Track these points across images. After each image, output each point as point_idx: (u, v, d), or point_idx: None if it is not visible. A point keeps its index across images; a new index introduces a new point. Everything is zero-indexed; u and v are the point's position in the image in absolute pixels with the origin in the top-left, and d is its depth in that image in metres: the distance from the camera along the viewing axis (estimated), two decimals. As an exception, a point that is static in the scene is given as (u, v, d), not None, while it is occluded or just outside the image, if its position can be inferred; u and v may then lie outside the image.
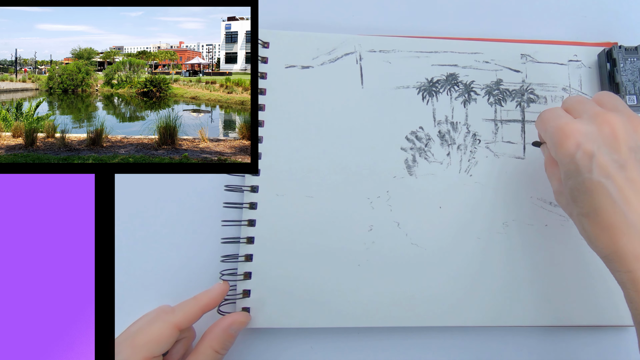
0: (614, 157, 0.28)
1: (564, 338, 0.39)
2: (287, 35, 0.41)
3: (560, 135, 0.29)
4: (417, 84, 0.41)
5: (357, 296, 0.38)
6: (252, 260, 0.38)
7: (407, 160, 0.40)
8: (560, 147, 0.29)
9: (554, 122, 0.30)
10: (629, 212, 0.27)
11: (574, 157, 0.28)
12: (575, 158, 0.28)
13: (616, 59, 0.39)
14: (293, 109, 0.40)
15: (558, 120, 0.30)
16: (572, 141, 0.28)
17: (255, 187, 0.39)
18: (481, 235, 0.39)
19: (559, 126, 0.29)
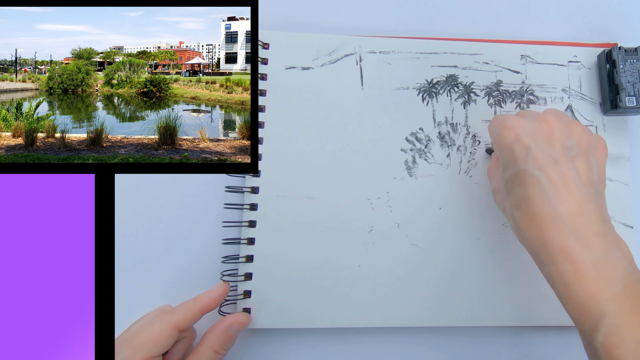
0: (549, 152, 0.29)
1: (567, 338, 0.39)
2: (287, 37, 0.41)
3: (501, 127, 0.31)
4: (417, 85, 0.41)
5: (358, 297, 0.38)
6: (252, 261, 0.38)
7: (407, 162, 0.40)
8: (500, 138, 0.31)
9: (498, 118, 0.32)
10: (558, 205, 0.27)
11: (512, 148, 0.30)
12: (513, 149, 0.30)
13: (616, 60, 0.39)
14: (293, 110, 0.40)
15: (502, 117, 0.32)
16: (512, 133, 0.30)
17: (256, 188, 0.39)
18: (481, 236, 0.39)
19: (501, 120, 0.31)
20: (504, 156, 0.31)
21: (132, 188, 0.41)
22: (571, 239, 0.27)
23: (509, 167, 0.30)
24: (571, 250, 0.26)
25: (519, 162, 0.29)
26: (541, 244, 0.28)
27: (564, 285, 0.27)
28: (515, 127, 0.30)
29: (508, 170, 0.30)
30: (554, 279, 0.27)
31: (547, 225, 0.27)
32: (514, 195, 0.30)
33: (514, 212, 0.30)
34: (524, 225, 0.29)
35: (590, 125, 0.41)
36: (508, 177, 0.30)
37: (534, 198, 0.28)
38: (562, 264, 0.27)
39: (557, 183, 0.28)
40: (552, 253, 0.27)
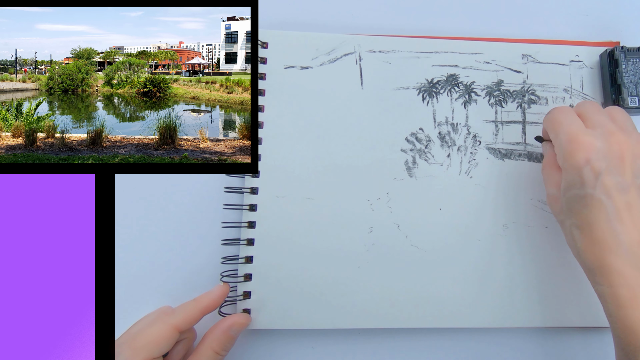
0: (619, 179, 0.29)
1: (565, 340, 0.39)
2: (286, 36, 0.41)
3: (572, 145, 0.30)
4: (417, 85, 0.41)
5: (358, 297, 0.38)
6: (252, 262, 0.38)
7: (407, 162, 0.40)
8: (570, 157, 0.30)
9: (567, 129, 0.31)
10: (621, 233, 0.28)
11: (581, 171, 0.29)
12: (582, 172, 0.29)
13: (618, 60, 0.39)
14: (292, 110, 0.40)
15: (571, 127, 0.30)
16: (583, 155, 0.29)
17: (255, 188, 0.39)
18: (481, 237, 0.39)
19: (573, 135, 0.30)
20: (569, 175, 0.30)
21: (132, 188, 0.40)
22: (630, 267, 0.28)
23: (574, 186, 0.30)
24: (629, 277, 0.27)
25: (587, 185, 0.29)
26: (599, 266, 0.29)
27: (616, 306, 0.28)
28: (588, 149, 0.29)
29: (572, 190, 0.30)
30: (607, 299, 0.28)
31: (609, 250, 0.28)
32: (576, 215, 0.30)
33: (574, 231, 0.30)
34: (584, 245, 0.29)
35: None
36: (572, 196, 0.30)
37: (599, 223, 0.29)
38: (617, 288, 0.28)
39: (622, 211, 0.28)
40: (609, 276, 0.28)
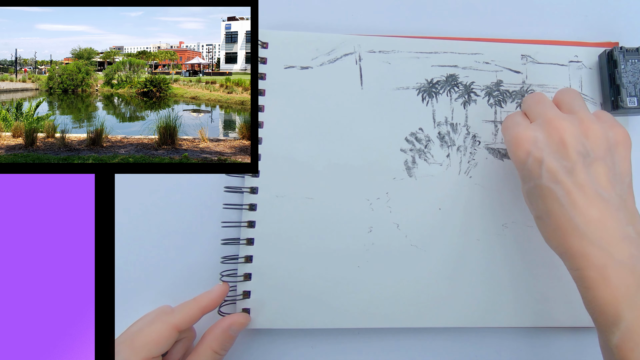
0: (563, 162, 0.29)
1: (563, 338, 0.39)
2: (286, 36, 0.41)
3: (513, 143, 0.31)
4: (416, 85, 0.41)
5: (357, 297, 0.38)
6: (252, 262, 0.38)
7: (406, 162, 0.40)
8: (514, 155, 0.31)
9: (511, 130, 0.32)
10: (577, 215, 0.28)
11: (525, 164, 0.30)
12: (527, 164, 0.30)
13: (617, 60, 0.39)
14: (292, 110, 0.40)
15: (515, 128, 0.32)
16: (523, 149, 0.30)
17: (255, 188, 0.39)
18: (481, 236, 0.39)
19: (514, 134, 0.31)
20: (520, 171, 0.31)
21: (132, 188, 0.40)
22: (592, 247, 0.27)
23: (525, 180, 0.31)
24: (593, 258, 0.27)
25: (534, 176, 0.30)
26: (564, 252, 0.29)
27: (585, 288, 0.28)
28: (526, 142, 0.30)
29: (526, 183, 0.31)
30: (577, 283, 0.29)
31: (568, 235, 0.28)
32: (535, 207, 0.31)
33: (538, 222, 0.31)
34: (547, 233, 0.30)
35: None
36: (527, 189, 0.31)
37: (553, 211, 0.29)
38: (585, 270, 0.28)
39: (573, 193, 0.28)
40: (575, 260, 0.28)
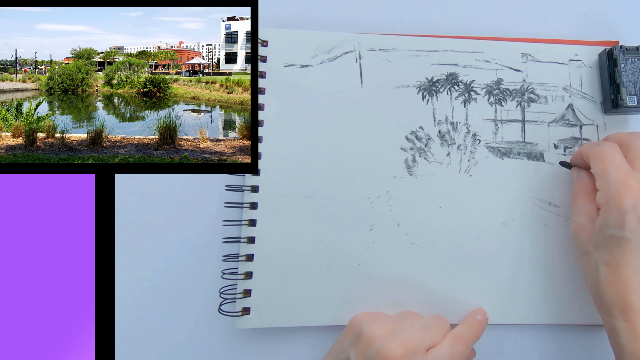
0: None
1: (563, 336, 0.39)
2: (286, 34, 0.41)
3: (623, 189, 0.31)
4: (417, 83, 0.41)
5: (358, 295, 0.38)
6: (252, 260, 0.38)
7: (407, 160, 0.40)
8: (617, 199, 0.31)
9: (618, 171, 0.32)
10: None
11: (625, 214, 0.30)
12: (626, 216, 0.30)
13: (617, 59, 0.39)
14: (292, 108, 0.40)
15: (622, 170, 0.32)
16: (631, 200, 0.30)
17: (256, 187, 0.39)
18: (481, 235, 0.39)
19: (623, 178, 0.31)
20: (612, 214, 0.31)
21: (132, 188, 0.40)
22: None
23: (613, 226, 0.31)
24: None
25: (626, 229, 0.30)
26: (620, 302, 0.31)
27: (631, 340, 0.30)
28: (637, 196, 0.30)
29: (610, 229, 0.31)
30: (619, 332, 0.31)
31: (633, 290, 0.30)
32: (607, 252, 0.31)
33: (601, 266, 0.32)
34: (608, 282, 0.31)
35: (591, 124, 0.41)
36: (608, 234, 0.31)
37: (628, 265, 0.31)
38: (636, 324, 0.30)
39: None
40: (628, 313, 0.30)
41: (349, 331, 0.35)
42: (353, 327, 0.34)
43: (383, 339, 0.32)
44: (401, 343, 0.31)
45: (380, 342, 0.32)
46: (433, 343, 0.32)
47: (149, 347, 0.38)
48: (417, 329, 0.33)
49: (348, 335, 0.34)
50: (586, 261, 0.33)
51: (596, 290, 0.32)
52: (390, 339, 0.32)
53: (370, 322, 0.34)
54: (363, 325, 0.33)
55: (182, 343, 0.39)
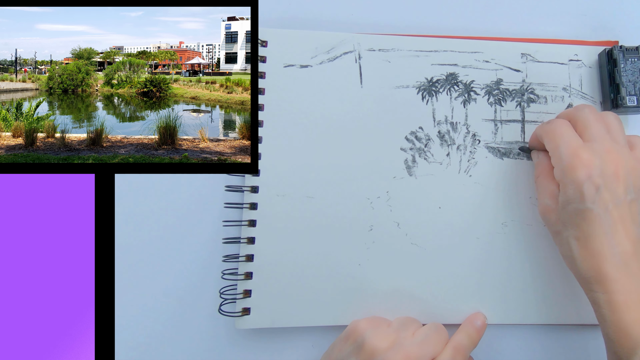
0: (614, 194, 0.31)
1: (562, 336, 0.39)
2: (286, 34, 0.41)
3: (575, 161, 0.31)
4: (416, 84, 0.41)
5: (358, 295, 0.38)
6: (253, 260, 0.38)
7: (406, 161, 0.40)
8: (571, 172, 0.31)
9: (568, 144, 0.32)
10: (617, 245, 0.30)
11: (581, 186, 0.31)
12: (583, 187, 0.31)
13: (617, 59, 0.39)
14: (292, 108, 0.40)
15: (571, 142, 0.32)
16: (585, 171, 0.31)
17: (256, 187, 0.39)
18: (480, 235, 0.39)
19: (574, 151, 0.31)
20: (569, 189, 0.31)
21: (132, 188, 0.40)
22: (625, 275, 0.30)
23: (574, 201, 0.31)
24: (624, 283, 0.30)
25: (586, 200, 0.31)
26: (596, 274, 0.31)
27: (611, 311, 0.30)
28: (589, 166, 0.31)
29: (572, 204, 0.31)
30: (601, 305, 0.31)
31: (606, 260, 0.30)
32: (575, 227, 0.32)
33: (572, 242, 0.32)
34: (582, 256, 0.31)
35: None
36: (571, 209, 0.31)
37: (597, 236, 0.31)
38: (613, 294, 0.30)
39: (617, 224, 0.31)
40: (605, 283, 0.30)
41: (350, 337, 0.34)
42: (355, 335, 0.34)
43: (385, 352, 0.32)
44: (403, 356, 0.31)
45: (383, 356, 0.32)
46: (434, 354, 0.33)
47: (149, 348, 0.38)
48: (418, 341, 0.33)
49: (349, 342, 0.34)
50: (559, 240, 0.34)
51: (573, 267, 0.32)
52: (393, 353, 0.32)
53: (372, 331, 0.34)
54: (365, 335, 0.33)
55: (182, 343, 0.39)
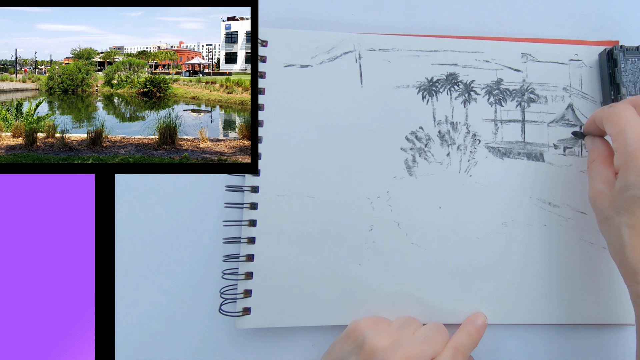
0: None
1: (562, 336, 0.39)
2: (286, 34, 0.41)
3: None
4: (417, 84, 0.41)
5: (358, 295, 0.38)
6: (253, 260, 0.38)
7: (407, 161, 0.40)
8: (637, 158, 0.30)
9: (635, 129, 0.31)
10: None
11: None
12: None
13: (617, 59, 0.39)
14: (292, 108, 0.40)
15: (638, 129, 0.31)
16: None
17: (256, 187, 0.39)
18: (480, 235, 0.39)
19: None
20: (632, 173, 0.30)
21: (132, 188, 0.40)
22: None
23: (633, 186, 0.30)
24: None
25: None
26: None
27: None
28: None
29: (630, 189, 0.30)
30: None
31: None
32: (629, 214, 0.30)
33: (624, 229, 0.31)
34: (632, 244, 0.30)
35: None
36: (630, 195, 0.30)
37: None
38: None
39: None
40: None
41: (350, 337, 0.34)
42: (355, 334, 0.34)
43: (386, 351, 0.32)
44: (404, 355, 0.31)
45: (383, 355, 0.32)
46: (434, 354, 0.32)
47: (149, 347, 0.38)
48: (418, 340, 0.33)
49: (350, 342, 0.34)
50: (608, 227, 0.32)
51: (621, 255, 0.31)
52: (393, 352, 0.32)
53: (372, 330, 0.33)
54: (366, 335, 0.33)
55: (182, 343, 0.39)
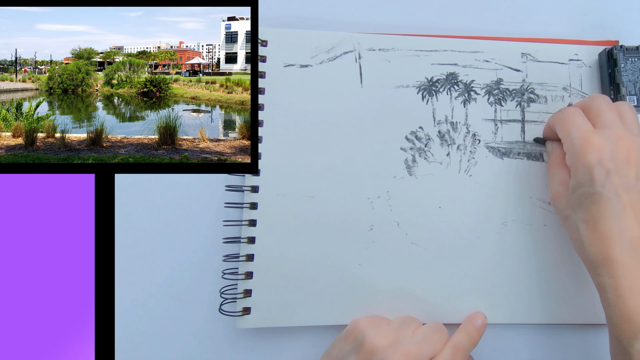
0: (624, 179, 0.31)
1: (562, 336, 0.39)
2: (286, 34, 0.41)
3: (585, 145, 0.32)
4: (416, 83, 0.41)
5: (358, 295, 0.38)
6: (253, 260, 0.38)
7: (407, 161, 0.40)
8: (582, 156, 0.32)
9: (579, 129, 0.33)
10: (625, 229, 0.31)
11: (592, 169, 0.31)
12: (593, 171, 0.31)
13: (617, 59, 0.39)
14: (292, 108, 0.40)
15: (583, 128, 0.33)
16: (595, 155, 0.31)
17: (256, 187, 0.39)
18: (480, 234, 0.39)
19: (585, 136, 0.32)
20: (581, 173, 0.32)
21: (132, 188, 0.40)
22: (631, 259, 0.30)
23: (584, 184, 0.32)
24: (630, 268, 0.30)
25: (596, 183, 0.31)
26: (603, 258, 0.31)
27: (616, 295, 0.30)
28: (599, 150, 0.31)
29: (582, 187, 0.32)
30: (607, 289, 0.31)
31: (613, 244, 0.31)
32: (583, 211, 0.32)
33: (580, 225, 0.32)
34: (590, 239, 0.32)
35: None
36: (581, 193, 0.32)
37: (605, 219, 0.31)
38: (619, 278, 0.30)
39: (627, 209, 0.31)
40: (611, 267, 0.31)
41: (350, 336, 0.34)
42: (355, 333, 0.34)
43: (385, 350, 0.32)
44: (403, 355, 0.31)
45: (382, 354, 0.32)
46: (433, 353, 0.32)
47: (149, 347, 0.38)
48: (418, 340, 0.33)
49: (349, 341, 0.34)
50: (568, 225, 0.34)
51: (581, 250, 0.33)
52: (393, 351, 0.32)
53: (372, 329, 0.34)
54: (365, 334, 0.33)
55: (182, 343, 0.39)
